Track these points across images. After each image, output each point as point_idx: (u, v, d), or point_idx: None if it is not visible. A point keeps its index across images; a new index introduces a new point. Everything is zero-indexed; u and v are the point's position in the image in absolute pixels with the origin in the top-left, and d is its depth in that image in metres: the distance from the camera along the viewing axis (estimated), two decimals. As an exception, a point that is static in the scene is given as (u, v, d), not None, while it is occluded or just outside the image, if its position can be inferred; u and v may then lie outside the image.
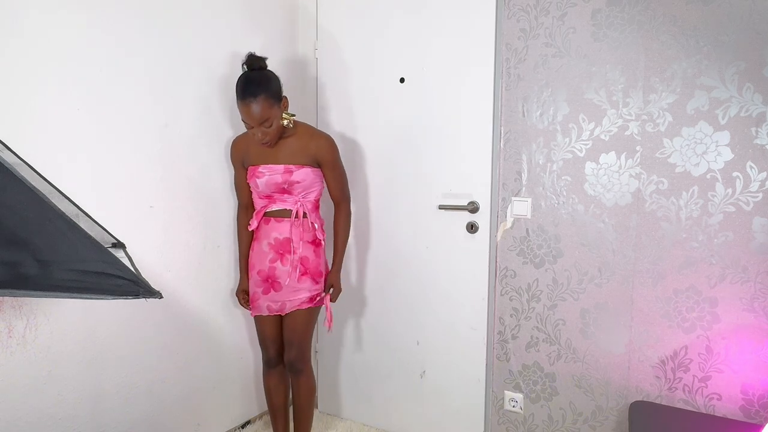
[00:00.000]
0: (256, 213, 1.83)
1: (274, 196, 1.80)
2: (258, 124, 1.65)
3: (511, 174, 1.90)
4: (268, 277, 1.82)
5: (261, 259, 1.83)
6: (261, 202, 1.83)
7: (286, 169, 1.76)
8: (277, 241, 1.80)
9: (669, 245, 1.65)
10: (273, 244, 1.81)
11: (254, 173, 1.79)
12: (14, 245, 0.91)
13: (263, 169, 1.77)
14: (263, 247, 1.82)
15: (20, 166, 1.09)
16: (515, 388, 1.97)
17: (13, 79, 1.36)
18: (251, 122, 1.65)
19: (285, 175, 1.76)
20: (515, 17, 1.84)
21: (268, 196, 1.80)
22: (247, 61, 1.70)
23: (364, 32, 2.13)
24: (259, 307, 1.84)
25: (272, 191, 1.79)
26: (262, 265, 1.82)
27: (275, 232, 1.80)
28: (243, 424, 2.19)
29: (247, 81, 1.65)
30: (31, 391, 1.46)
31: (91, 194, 1.53)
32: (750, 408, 1.58)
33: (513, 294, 1.94)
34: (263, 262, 1.82)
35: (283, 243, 1.80)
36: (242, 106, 1.64)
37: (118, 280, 1.00)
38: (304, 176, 1.77)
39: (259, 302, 1.84)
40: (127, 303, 1.65)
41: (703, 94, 1.57)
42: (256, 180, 1.78)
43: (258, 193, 1.82)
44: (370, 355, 2.25)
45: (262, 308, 1.84)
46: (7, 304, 1.39)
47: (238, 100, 1.65)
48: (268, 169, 1.77)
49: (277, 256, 1.81)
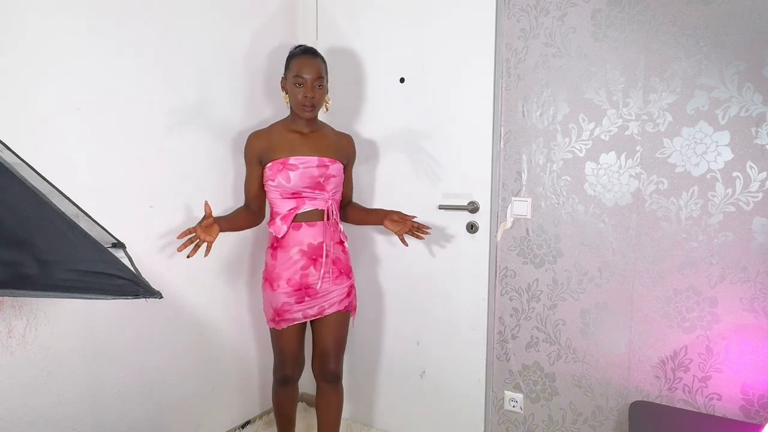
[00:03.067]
0: (283, 217, 1.69)
1: (303, 194, 1.69)
2: (314, 78, 1.66)
3: (511, 174, 1.90)
4: (300, 286, 1.71)
5: (289, 268, 1.70)
6: (287, 204, 1.70)
7: (321, 162, 1.71)
8: (311, 247, 1.71)
9: (669, 245, 1.65)
10: (306, 251, 1.70)
11: (284, 166, 1.68)
12: (14, 245, 0.91)
13: (295, 160, 1.68)
14: (292, 254, 1.70)
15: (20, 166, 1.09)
16: (515, 388, 1.97)
17: (13, 80, 1.36)
18: (309, 74, 1.65)
19: (321, 168, 1.70)
20: (515, 17, 1.84)
21: (296, 194, 1.69)
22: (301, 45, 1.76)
23: (364, 32, 2.13)
24: (292, 318, 1.73)
25: (305, 186, 1.69)
26: (292, 275, 1.70)
27: (309, 237, 1.71)
28: (243, 424, 2.19)
29: (307, 46, 1.74)
30: (31, 391, 1.46)
31: (91, 194, 1.53)
32: (750, 408, 1.58)
33: (513, 294, 1.94)
34: (292, 270, 1.70)
35: (317, 248, 1.71)
36: (302, 59, 1.67)
37: (118, 280, 1.00)
38: (338, 172, 1.75)
39: (291, 313, 1.72)
40: (127, 303, 1.65)
41: (703, 94, 1.57)
42: (288, 173, 1.67)
43: (285, 190, 1.69)
44: (370, 355, 2.25)
45: (295, 318, 1.73)
46: (7, 304, 1.39)
47: (296, 58, 1.69)
48: (300, 160, 1.68)
49: (309, 263, 1.71)
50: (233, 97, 2.00)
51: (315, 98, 1.68)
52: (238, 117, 2.02)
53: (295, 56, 1.70)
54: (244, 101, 2.05)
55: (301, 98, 1.67)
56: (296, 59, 1.68)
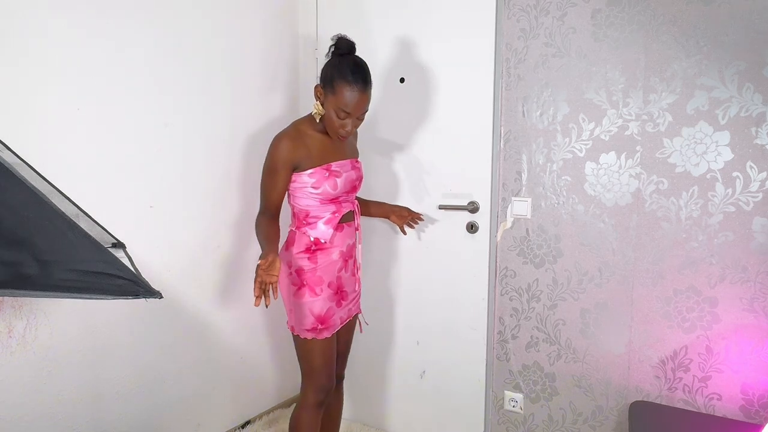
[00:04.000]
0: (327, 221, 1.59)
1: (340, 198, 1.61)
2: (359, 113, 1.52)
3: (511, 174, 1.90)
4: (338, 288, 1.64)
5: (330, 271, 1.62)
6: (328, 208, 1.60)
7: (353, 165, 1.65)
8: (348, 247, 1.67)
9: (669, 245, 1.65)
10: (344, 251, 1.65)
11: (330, 173, 1.56)
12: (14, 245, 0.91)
13: (337, 167, 1.58)
14: (334, 256, 1.62)
15: (20, 166, 1.09)
16: (515, 388, 1.97)
17: (13, 79, 1.36)
18: (354, 111, 1.50)
19: (355, 171, 1.65)
20: (515, 17, 1.84)
21: (335, 199, 1.60)
22: (344, 44, 1.54)
23: (364, 32, 2.13)
24: (333, 324, 1.62)
25: (346, 190, 1.62)
26: (332, 277, 1.62)
27: (348, 238, 1.66)
28: (243, 424, 2.19)
29: (359, 65, 1.50)
30: (31, 391, 1.46)
31: (91, 194, 1.53)
32: (750, 408, 1.58)
33: (513, 294, 1.94)
34: (332, 273, 1.62)
35: (351, 248, 1.69)
36: (350, 92, 1.47)
37: (118, 280, 1.00)
38: (363, 171, 1.73)
39: (334, 318, 1.62)
40: (127, 303, 1.65)
41: (703, 94, 1.57)
42: (335, 180, 1.56)
43: (328, 196, 1.58)
44: (370, 355, 2.25)
45: (335, 324, 1.63)
46: (7, 304, 1.39)
47: (346, 84, 1.47)
48: (341, 166, 1.60)
49: (343, 264, 1.65)
50: (234, 95, 2.00)
51: (353, 131, 1.58)
52: (240, 116, 2.02)
53: (344, 81, 1.48)
54: (246, 100, 2.05)
55: (341, 131, 1.54)
56: (344, 87, 1.47)
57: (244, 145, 2.04)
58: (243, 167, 2.04)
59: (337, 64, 1.51)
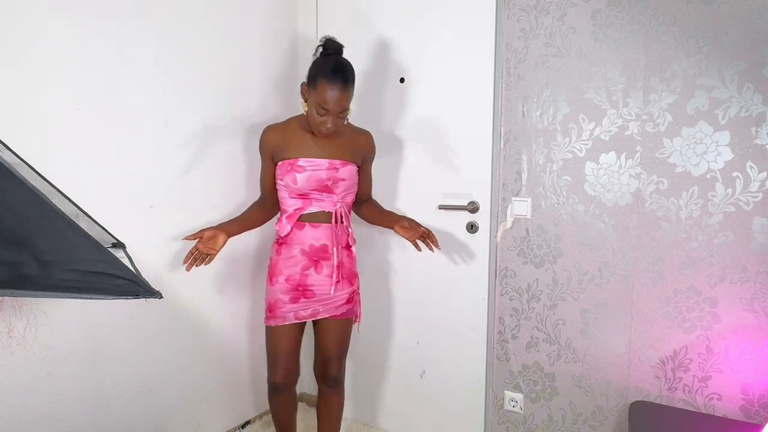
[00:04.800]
0: (288, 216, 1.67)
1: (311, 195, 1.66)
2: (339, 111, 1.55)
3: (511, 174, 1.90)
4: (298, 285, 1.68)
5: (290, 267, 1.68)
6: (294, 203, 1.68)
7: (331, 165, 1.64)
8: (312, 248, 1.68)
9: (669, 245, 1.65)
10: (307, 251, 1.67)
11: (292, 167, 1.64)
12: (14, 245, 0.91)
13: (304, 162, 1.63)
14: (294, 252, 1.68)
15: (20, 166, 1.09)
16: (515, 388, 1.97)
17: (13, 79, 1.36)
18: (333, 108, 1.54)
19: (330, 171, 1.64)
20: (515, 17, 1.84)
21: (304, 195, 1.66)
22: (332, 45, 1.59)
23: (365, 33, 2.13)
24: (282, 316, 1.68)
25: (312, 188, 1.64)
26: (292, 273, 1.68)
27: (311, 238, 1.67)
28: (243, 424, 2.19)
29: (341, 64, 1.56)
30: (31, 391, 1.46)
31: (91, 194, 1.53)
32: (750, 408, 1.58)
33: (513, 294, 1.94)
34: (293, 269, 1.68)
35: (319, 250, 1.68)
36: (330, 89, 1.51)
37: (118, 280, 1.00)
38: (349, 174, 1.68)
39: (283, 311, 1.68)
40: (127, 303, 1.65)
41: (703, 94, 1.57)
42: (295, 175, 1.63)
43: (293, 191, 1.66)
44: (370, 355, 2.25)
45: (285, 317, 1.68)
46: (7, 304, 1.39)
47: (326, 82, 1.51)
48: (310, 163, 1.63)
49: (310, 264, 1.68)
50: (234, 95, 2.00)
51: (335, 128, 1.60)
52: (241, 115, 2.02)
53: (324, 79, 1.52)
54: (246, 100, 2.05)
55: (321, 128, 1.59)
56: (325, 84, 1.52)
57: (244, 144, 2.04)
58: (243, 167, 2.04)
59: (321, 63, 1.58)
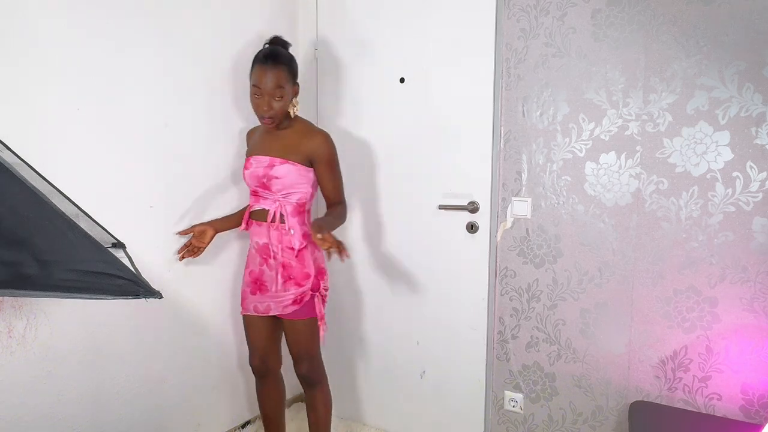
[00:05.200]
0: (247, 213, 1.77)
1: (258, 193, 1.71)
2: (271, 90, 1.58)
3: (511, 174, 1.90)
4: (257, 278, 1.76)
5: (252, 260, 1.78)
6: (251, 200, 1.76)
7: (270, 162, 1.66)
8: (258, 246, 1.74)
9: (669, 245, 1.65)
10: (256, 248, 1.75)
11: (246, 164, 1.73)
12: (14, 245, 0.91)
13: (253, 160, 1.70)
14: (252, 248, 1.77)
15: (20, 166, 1.09)
16: (515, 388, 1.97)
17: (13, 79, 1.36)
18: (264, 87, 1.57)
19: (266, 168, 1.66)
20: (515, 17, 1.84)
21: (254, 192, 1.73)
22: (273, 39, 1.69)
23: (364, 32, 2.13)
24: (247, 306, 1.79)
25: (255, 185, 1.70)
26: (253, 267, 1.77)
27: (256, 236, 1.74)
28: (243, 424, 2.19)
29: (271, 50, 1.63)
30: (31, 391, 1.46)
31: (91, 194, 1.53)
32: (750, 408, 1.58)
33: (513, 294, 1.94)
34: (254, 264, 1.77)
35: (263, 248, 1.72)
36: (259, 70, 1.58)
37: (118, 280, 1.00)
38: (285, 173, 1.64)
39: (247, 302, 1.79)
40: (127, 303, 1.65)
41: (703, 94, 1.57)
42: (245, 172, 1.72)
43: (248, 187, 1.75)
44: (370, 355, 2.25)
45: (249, 308, 1.78)
46: (7, 304, 1.39)
47: (256, 65, 1.60)
48: (256, 160, 1.70)
49: (262, 260, 1.74)
50: (234, 95, 1.99)
51: (273, 110, 1.60)
52: (240, 115, 2.02)
53: (257, 62, 1.61)
54: (246, 99, 2.03)
55: (260, 111, 1.62)
56: (257, 66, 1.60)
57: (244, 144, 2.04)
58: (242, 167, 2.04)
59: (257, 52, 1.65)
